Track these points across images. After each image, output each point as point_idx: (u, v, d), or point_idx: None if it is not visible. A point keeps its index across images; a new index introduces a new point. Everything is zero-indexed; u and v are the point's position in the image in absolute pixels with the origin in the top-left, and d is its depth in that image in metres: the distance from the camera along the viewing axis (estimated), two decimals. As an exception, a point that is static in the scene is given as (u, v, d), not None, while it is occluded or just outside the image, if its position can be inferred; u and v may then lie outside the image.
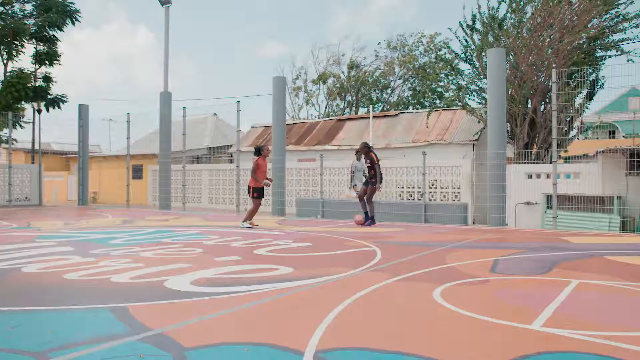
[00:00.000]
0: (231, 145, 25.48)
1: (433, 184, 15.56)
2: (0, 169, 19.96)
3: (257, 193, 10.63)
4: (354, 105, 37.05)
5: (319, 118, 34.91)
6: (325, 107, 38.66)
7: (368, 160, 10.94)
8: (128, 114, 19.11)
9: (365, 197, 11.17)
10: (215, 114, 31.75)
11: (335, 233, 9.48)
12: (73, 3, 20.06)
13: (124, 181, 19.72)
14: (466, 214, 12.07)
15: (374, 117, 22.68)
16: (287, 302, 4.02)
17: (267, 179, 10.78)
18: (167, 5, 17.67)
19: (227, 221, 12.49)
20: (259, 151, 10.70)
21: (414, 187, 15.84)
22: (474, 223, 14.32)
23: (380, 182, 11.04)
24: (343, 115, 34.45)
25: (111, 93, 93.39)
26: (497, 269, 5.58)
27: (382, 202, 13.27)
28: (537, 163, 14.43)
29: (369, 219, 11.13)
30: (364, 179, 13.26)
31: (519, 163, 14.44)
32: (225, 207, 20.47)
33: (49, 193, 28.20)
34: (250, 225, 10.65)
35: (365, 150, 11.03)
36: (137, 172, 26.53)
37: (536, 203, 13.43)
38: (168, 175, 17.92)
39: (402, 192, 16.26)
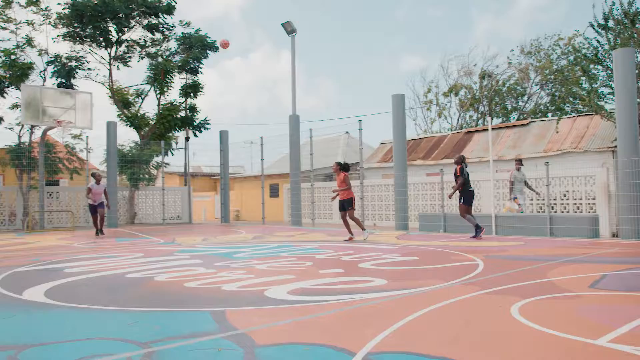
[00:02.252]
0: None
1: (564, 196, 14.74)
2: (156, 191, 22.55)
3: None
4: (487, 115, 35.95)
5: (451, 130, 34.46)
6: (458, 119, 37.99)
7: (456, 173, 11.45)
8: (261, 137, 20.60)
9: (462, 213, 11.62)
10: (347, 132, 32.69)
11: (448, 247, 9.52)
12: (208, 37, 22.24)
13: (264, 200, 21.18)
14: (597, 227, 11.30)
15: (502, 127, 21.98)
16: (365, 311, 4.35)
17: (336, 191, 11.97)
18: (293, 34, 18.88)
19: (348, 236, 12.95)
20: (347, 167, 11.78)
21: (543, 199, 15.12)
22: (614, 236, 13.32)
23: (466, 197, 11.48)
24: (476, 126, 33.65)
25: (259, 116, 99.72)
26: (599, 285, 5.37)
27: (502, 215, 12.92)
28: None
29: (478, 231, 11.40)
30: (525, 190, 13.33)
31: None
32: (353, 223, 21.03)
33: (198, 212, 31.03)
34: (348, 239, 11.75)
35: (457, 161, 11.67)
36: (274, 191, 28.26)
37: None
38: (298, 193, 18.97)
39: (532, 204, 15.59)
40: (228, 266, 7.35)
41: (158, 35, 22.12)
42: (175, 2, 21.83)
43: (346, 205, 11.64)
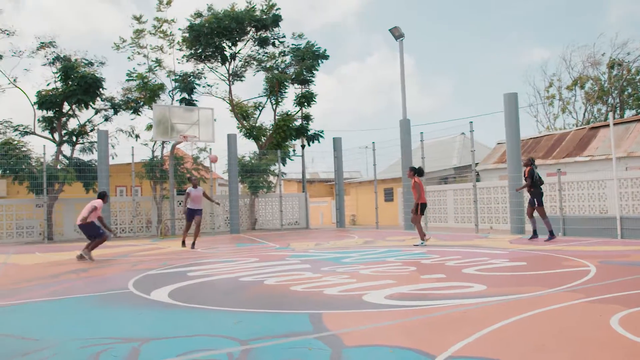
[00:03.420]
0: (477, 164, 25.38)
1: None
2: (274, 198, 23.66)
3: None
4: (618, 108, 33.24)
5: (576, 126, 32.37)
6: (584, 114, 35.54)
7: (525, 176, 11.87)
8: (373, 142, 20.85)
9: (539, 215, 11.99)
10: (463, 133, 31.99)
11: (563, 252, 9.09)
12: (320, 47, 23.06)
13: (378, 204, 21.39)
14: None
15: (633, 120, 20.30)
16: (457, 316, 4.41)
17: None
18: (401, 39, 18.93)
19: (459, 240, 12.81)
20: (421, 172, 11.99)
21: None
22: None
23: (537, 199, 11.82)
24: (605, 120, 31.32)
25: (376, 120, 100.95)
26: None
27: (629, 217, 12.01)
28: None
29: (550, 235, 11.70)
30: None
31: None
32: (470, 227, 20.55)
33: (315, 217, 31.96)
34: (419, 243, 11.82)
35: (526, 163, 12.01)
36: (389, 195, 28.36)
37: None
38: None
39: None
40: (334, 271, 7.65)
41: (271, 49, 23.33)
42: (279, 8, 22.71)
43: (413, 210, 11.87)
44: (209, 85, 23.23)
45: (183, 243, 13.56)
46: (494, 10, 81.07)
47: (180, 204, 21.05)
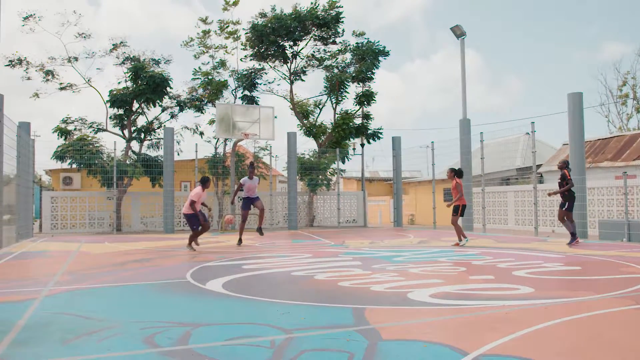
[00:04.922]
0: (540, 165, 24.66)
1: None
2: (333, 196, 23.93)
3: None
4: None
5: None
6: (661, 114, 33.73)
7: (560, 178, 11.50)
8: (432, 142, 20.71)
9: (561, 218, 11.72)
10: (527, 133, 31.08)
11: (623, 258, 8.81)
12: (380, 45, 23.10)
13: (437, 204, 21.25)
14: None
15: None
16: (497, 316, 4.46)
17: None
18: (462, 37, 18.71)
19: (516, 243, 12.60)
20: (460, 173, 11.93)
21: None
22: None
23: (571, 203, 11.49)
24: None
25: (441, 117, 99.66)
26: None
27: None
28: None
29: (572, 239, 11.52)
30: None
31: None
32: (531, 229, 20.03)
33: (374, 215, 31.98)
34: (462, 243, 11.71)
35: (562, 166, 11.57)
36: (448, 195, 27.99)
37: None
38: (469, 198, 18.66)
39: None
40: (383, 269, 7.78)
41: (333, 47, 23.58)
42: (341, 6, 22.80)
43: (453, 211, 11.80)
44: (269, 82, 23.76)
45: (240, 241, 12.38)
46: (565, 6, 78.02)
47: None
